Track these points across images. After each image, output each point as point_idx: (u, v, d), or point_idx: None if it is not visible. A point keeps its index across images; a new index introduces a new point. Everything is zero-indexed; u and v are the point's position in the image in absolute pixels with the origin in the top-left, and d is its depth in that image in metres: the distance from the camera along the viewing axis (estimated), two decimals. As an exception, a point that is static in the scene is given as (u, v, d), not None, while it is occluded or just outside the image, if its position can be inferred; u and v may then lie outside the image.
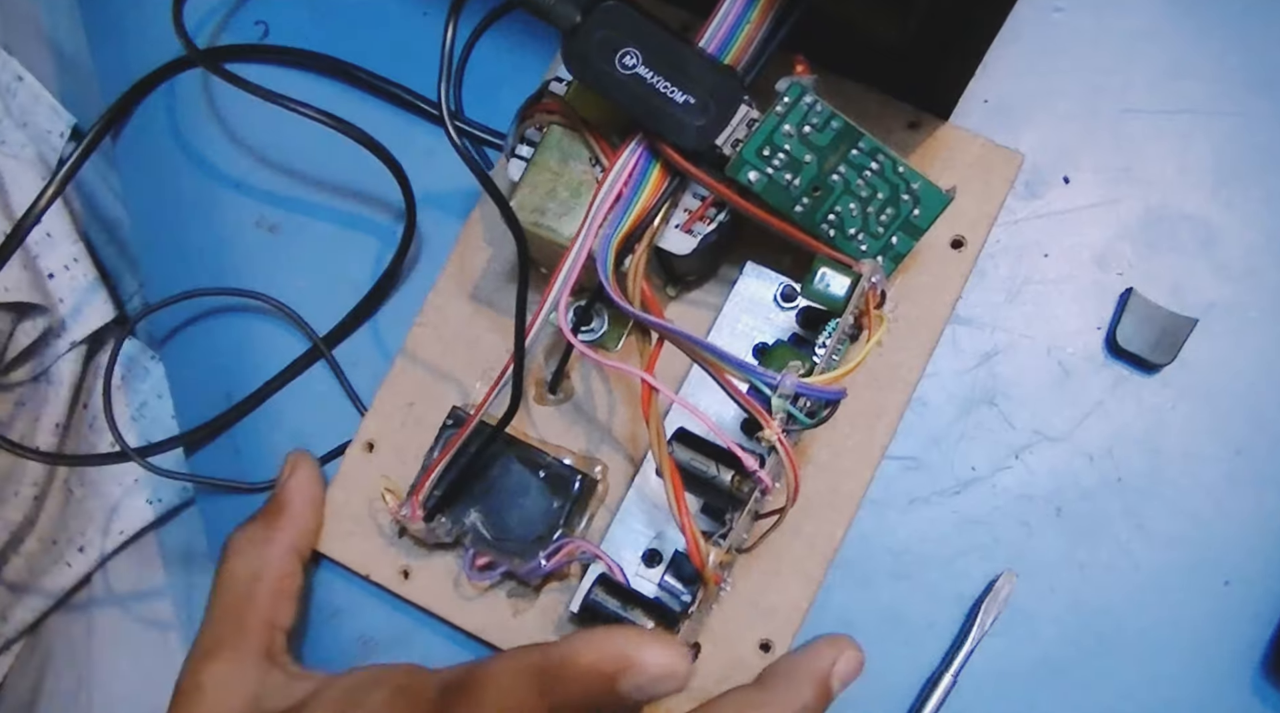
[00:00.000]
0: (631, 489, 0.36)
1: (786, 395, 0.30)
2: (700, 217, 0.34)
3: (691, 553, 0.31)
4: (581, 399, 0.38)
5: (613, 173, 0.33)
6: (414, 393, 0.39)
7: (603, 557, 0.34)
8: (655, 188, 0.33)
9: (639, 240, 0.33)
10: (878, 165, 0.33)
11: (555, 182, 0.34)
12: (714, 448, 0.32)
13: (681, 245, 0.34)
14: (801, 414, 0.30)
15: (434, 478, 0.36)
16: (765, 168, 0.32)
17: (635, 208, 0.33)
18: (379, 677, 0.32)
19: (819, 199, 0.33)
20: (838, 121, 0.32)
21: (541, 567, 0.35)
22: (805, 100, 0.32)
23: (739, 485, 0.32)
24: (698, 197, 0.34)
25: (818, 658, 0.33)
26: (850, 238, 0.33)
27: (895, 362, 0.36)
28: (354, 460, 0.39)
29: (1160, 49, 0.39)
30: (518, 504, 0.36)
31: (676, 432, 0.33)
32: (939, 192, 0.33)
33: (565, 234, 0.34)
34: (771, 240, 0.34)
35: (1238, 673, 0.35)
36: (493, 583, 0.37)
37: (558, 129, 0.35)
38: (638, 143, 0.33)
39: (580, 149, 0.35)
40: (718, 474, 0.32)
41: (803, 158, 0.32)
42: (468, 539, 0.36)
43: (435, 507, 0.36)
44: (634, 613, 0.32)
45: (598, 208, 0.33)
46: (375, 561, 0.38)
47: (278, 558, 0.36)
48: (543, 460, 0.36)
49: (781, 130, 0.32)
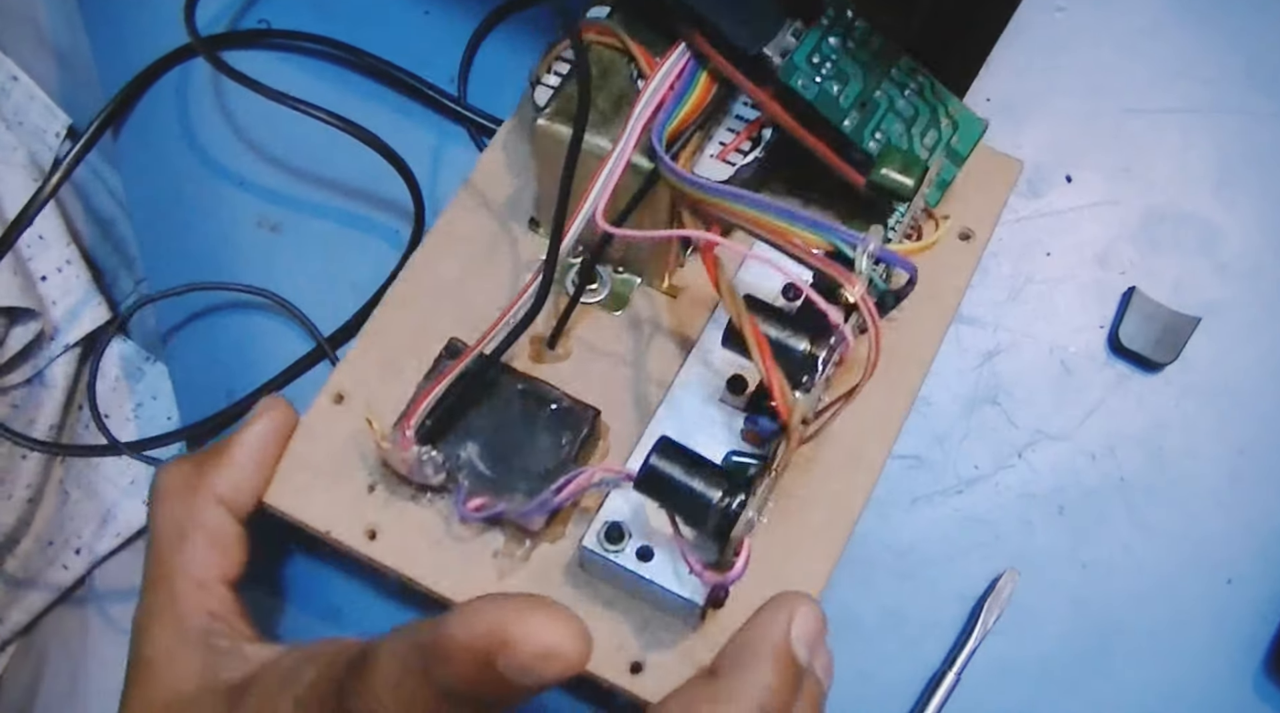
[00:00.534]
0: (645, 435, 0.33)
1: (872, 255, 0.29)
2: (736, 147, 0.33)
3: (777, 397, 0.28)
4: (581, 357, 0.36)
5: (658, 77, 0.32)
6: (394, 347, 0.36)
7: (629, 474, 0.30)
8: (702, 96, 0.33)
9: (687, 143, 0.32)
10: (917, 85, 0.34)
11: (594, 93, 0.33)
12: (787, 317, 0.30)
13: (717, 174, 0.33)
14: (880, 281, 0.29)
15: (427, 405, 0.32)
16: (815, 75, 0.33)
17: (682, 110, 0.32)
18: (313, 654, 0.28)
19: (866, 115, 0.33)
20: (878, 39, 0.33)
21: (550, 502, 0.31)
22: (848, 13, 0.33)
23: (816, 348, 0.29)
24: (732, 130, 0.34)
25: (769, 627, 0.27)
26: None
27: (908, 341, 0.35)
28: (320, 411, 0.35)
29: (1162, 48, 0.39)
30: (522, 438, 0.33)
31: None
32: (976, 117, 0.34)
33: (603, 145, 0.33)
34: (798, 188, 0.34)
35: (1240, 672, 0.35)
36: (481, 529, 0.33)
37: (597, 48, 0.34)
38: (683, 50, 0.33)
39: (620, 64, 0.34)
40: (795, 331, 0.30)
41: (850, 71, 0.33)
42: (462, 474, 0.33)
43: (426, 437, 0.32)
44: (698, 482, 0.28)
45: (641, 111, 0.32)
46: (338, 518, 0.34)
47: (204, 510, 0.32)
48: (552, 395, 0.33)
49: (829, 41, 0.33)
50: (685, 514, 0.29)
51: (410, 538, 0.33)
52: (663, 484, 0.28)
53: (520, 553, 0.33)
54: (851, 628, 0.36)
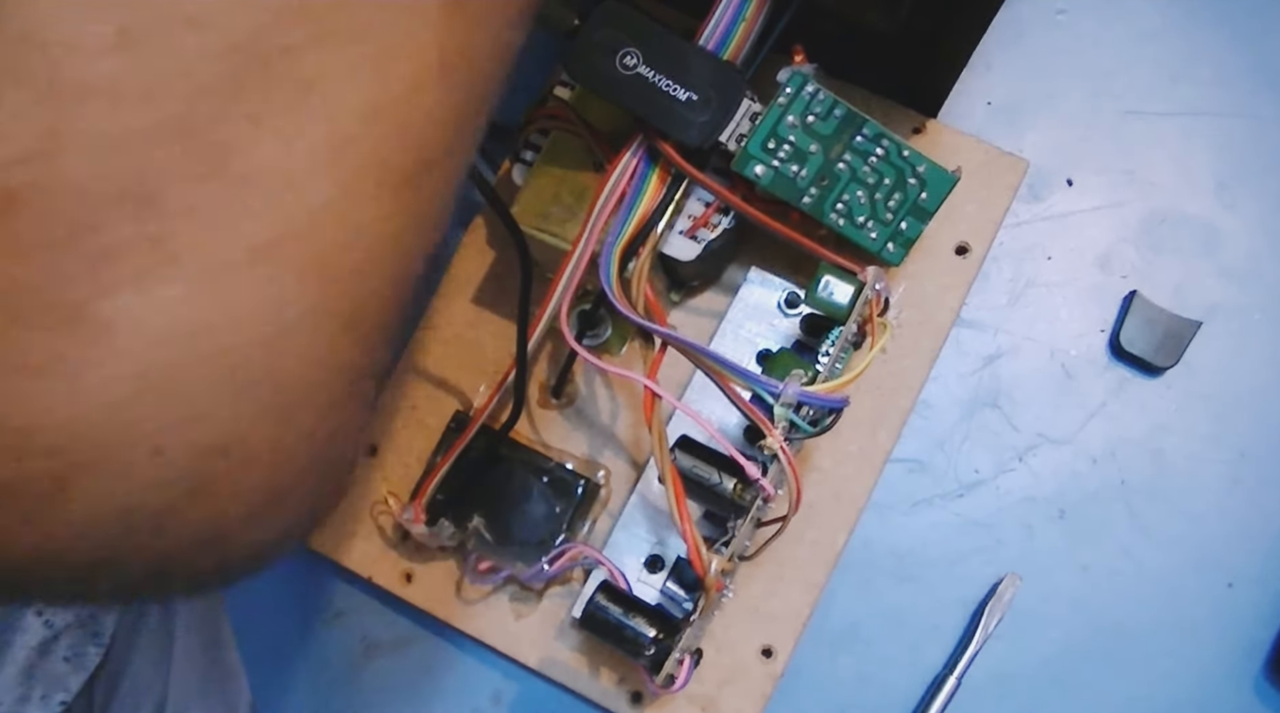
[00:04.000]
0: (634, 495, 0.36)
1: (789, 404, 0.30)
2: (704, 222, 0.34)
3: (693, 560, 0.31)
4: (585, 404, 0.38)
5: (614, 176, 0.33)
6: (417, 396, 0.39)
7: (605, 562, 0.35)
8: (656, 190, 0.33)
9: (643, 245, 0.33)
10: (883, 151, 0.33)
11: (559, 186, 0.34)
12: (717, 455, 0.32)
13: (686, 251, 0.34)
14: (804, 422, 0.30)
15: (437, 482, 0.36)
16: (771, 161, 0.32)
17: (638, 211, 0.33)
18: None
19: (826, 189, 0.33)
20: (840, 108, 0.32)
21: (544, 572, 0.35)
22: (807, 89, 0.32)
23: (741, 493, 0.32)
24: (702, 202, 0.34)
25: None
26: (860, 226, 0.33)
27: (899, 368, 0.36)
28: (356, 465, 0.39)
29: (1162, 51, 0.39)
30: (520, 508, 0.36)
31: (679, 439, 0.33)
32: (945, 173, 0.33)
33: (568, 238, 0.34)
34: (775, 246, 0.34)
35: (1241, 674, 0.36)
36: (495, 588, 0.37)
37: (561, 134, 0.35)
38: (638, 144, 0.33)
39: (584, 154, 0.34)
40: (720, 481, 0.32)
41: (808, 148, 0.32)
42: (470, 543, 0.36)
43: (438, 511, 0.36)
44: (635, 620, 0.32)
45: (599, 211, 0.33)
46: (378, 563, 0.38)
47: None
48: (545, 465, 0.36)
49: (785, 121, 0.32)
50: (623, 649, 0.32)
51: (439, 582, 0.38)
52: (601, 623, 0.32)
53: (533, 598, 0.37)
54: (852, 632, 0.36)
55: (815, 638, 0.36)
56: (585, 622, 0.33)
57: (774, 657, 0.35)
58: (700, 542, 0.31)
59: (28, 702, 0.29)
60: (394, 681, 0.39)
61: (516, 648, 0.36)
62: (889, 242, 0.34)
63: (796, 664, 0.36)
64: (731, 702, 0.35)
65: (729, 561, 0.32)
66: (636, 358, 0.38)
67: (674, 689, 0.33)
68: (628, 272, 0.33)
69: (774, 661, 0.35)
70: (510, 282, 0.39)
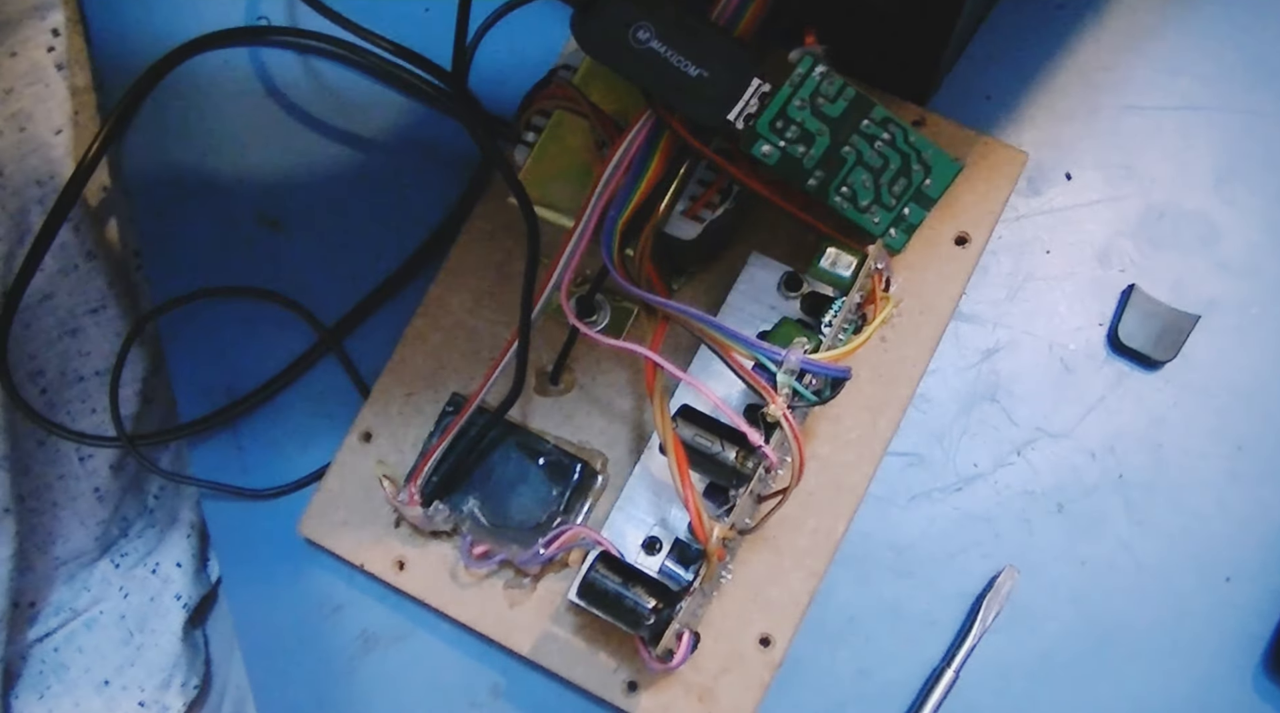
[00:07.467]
0: (633, 476, 0.36)
1: (792, 371, 0.30)
2: (705, 203, 0.34)
3: (695, 528, 0.31)
4: (583, 391, 0.38)
5: (619, 152, 0.33)
6: (413, 383, 0.38)
7: (603, 541, 0.34)
8: (659, 167, 0.33)
9: (645, 223, 0.33)
10: (889, 135, 0.33)
11: (561, 164, 0.34)
12: (719, 426, 0.32)
13: (687, 231, 0.34)
14: (807, 391, 0.30)
15: (432, 464, 0.36)
16: (778, 141, 0.32)
17: (640, 187, 0.33)
18: None
19: (832, 171, 0.33)
20: (850, 91, 0.33)
21: (540, 554, 0.35)
22: (818, 70, 0.32)
23: (743, 462, 0.31)
24: (703, 182, 0.34)
25: None
26: (863, 210, 0.33)
27: (899, 356, 0.36)
28: (350, 450, 0.39)
29: (1161, 46, 0.39)
30: (517, 491, 0.36)
31: (680, 408, 0.33)
32: (950, 160, 0.33)
33: (570, 215, 0.34)
34: (774, 233, 0.34)
35: (1238, 669, 0.35)
36: (490, 572, 0.36)
37: (564, 114, 0.35)
38: (644, 121, 0.33)
39: (586, 135, 0.34)
40: (722, 450, 0.31)
41: (815, 130, 0.32)
42: (465, 527, 0.36)
43: (433, 493, 0.36)
44: (635, 591, 0.32)
45: (603, 187, 0.33)
46: (370, 551, 0.38)
47: None
48: (542, 448, 0.36)
49: (794, 103, 0.32)
50: (622, 621, 0.32)
51: (433, 569, 0.37)
52: (600, 593, 0.32)
53: (527, 585, 0.36)
54: (850, 625, 0.36)
55: (813, 631, 0.36)
56: (584, 592, 0.32)
57: (772, 646, 0.35)
58: (703, 507, 0.31)
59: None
60: (392, 674, 0.39)
61: (510, 636, 0.36)
62: (891, 226, 0.34)
63: (794, 657, 0.36)
64: (729, 691, 0.35)
65: (730, 529, 0.31)
66: (635, 343, 0.37)
67: (672, 665, 0.32)
68: (629, 252, 0.33)
69: (772, 649, 0.35)
70: (509, 270, 0.39)
